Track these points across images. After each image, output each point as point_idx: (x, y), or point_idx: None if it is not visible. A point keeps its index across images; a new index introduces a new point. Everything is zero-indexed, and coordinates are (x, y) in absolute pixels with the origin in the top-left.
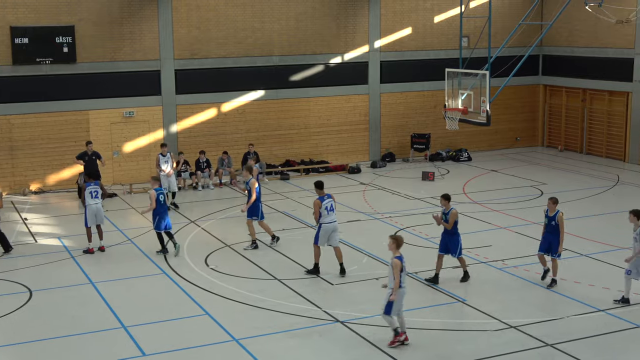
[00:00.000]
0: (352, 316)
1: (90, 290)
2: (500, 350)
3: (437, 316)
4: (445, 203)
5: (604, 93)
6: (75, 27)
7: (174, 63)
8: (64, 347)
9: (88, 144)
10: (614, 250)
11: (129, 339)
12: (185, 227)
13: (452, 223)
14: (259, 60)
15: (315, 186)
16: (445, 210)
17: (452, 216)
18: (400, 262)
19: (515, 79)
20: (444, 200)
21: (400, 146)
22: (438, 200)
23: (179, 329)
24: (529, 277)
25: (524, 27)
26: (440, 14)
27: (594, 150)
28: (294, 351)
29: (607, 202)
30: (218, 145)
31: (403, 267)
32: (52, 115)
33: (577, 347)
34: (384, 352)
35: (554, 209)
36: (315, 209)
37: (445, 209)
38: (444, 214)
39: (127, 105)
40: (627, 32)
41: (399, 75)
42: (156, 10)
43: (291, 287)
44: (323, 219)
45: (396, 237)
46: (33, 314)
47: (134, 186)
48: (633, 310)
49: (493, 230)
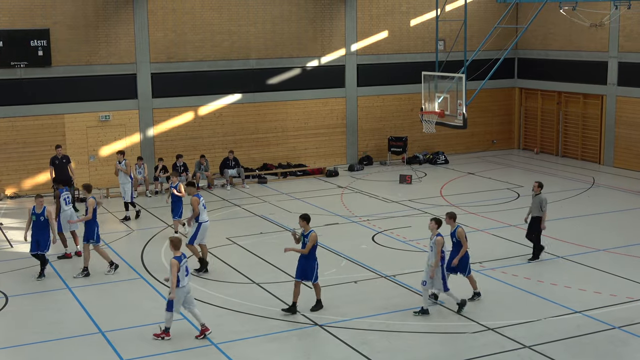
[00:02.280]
0: (330, 319)
1: (67, 295)
2: (479, 352)
3: (416, 319)
4: (304, 224)
5: (578, 96)
6: (50, 31)
7: (150, 66)
8: (42, 352)
9: (57, 147)
10: (590, 252)
11: (106, 344)
12: (162, 231)
13: (310, 248)
14: (235, 64)
15: (188, 185)
16: (305, 232)
17: (311, 239)
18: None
19: (491, 82)
20: (302, 222)
21: (378, 149)
22: (416, 203)
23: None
24: (506, 280)
25: (499, 30)
26: (416, 17)
27: (569, 152)
28: (273, 355)
29: (583, 204)
30: (195, 149)
31: (180, 268)
32: (28, 119)
33: (554, 349)
34: (363, 355)
35: (453, 225)
36: (194, 207)
37: (304, 230)
38: (302, 235)
39: (103, 109)
40: (601, 35)
41: (376, 78)
42: (132, 13)
43: (269, 291)
44: (202, 216)
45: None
46: (10, 319)
47: (110, 190)
48: (609, 312)
49: (470, 232)
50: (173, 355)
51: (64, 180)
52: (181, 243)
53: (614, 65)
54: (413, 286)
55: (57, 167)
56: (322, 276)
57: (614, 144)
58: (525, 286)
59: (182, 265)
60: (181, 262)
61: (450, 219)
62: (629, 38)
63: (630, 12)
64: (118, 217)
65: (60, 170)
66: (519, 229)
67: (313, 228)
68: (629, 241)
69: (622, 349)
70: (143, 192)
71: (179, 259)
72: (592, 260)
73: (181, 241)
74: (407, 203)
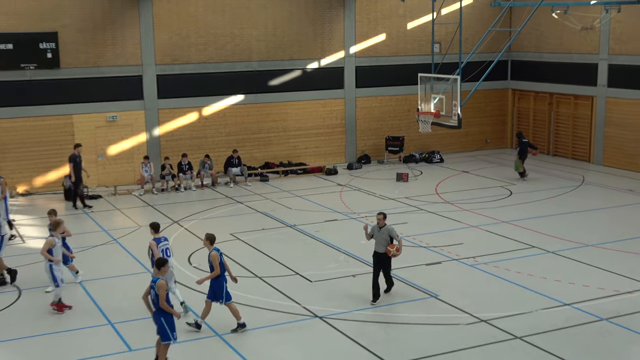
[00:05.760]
0: (330, 312)
1: (77, 288)
2: (472, 342)
3: (412, 311)
4: (208, 244)
5: (569, 97)
6: (58, 34)
7: (156, 68)
8: (54, 342)
9: (77, 146)
10: (579, 247)
11: (115, 335)
12: (169, 227)
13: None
14: (238, 66)
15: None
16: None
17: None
18: None
19: (485, 83)
20: (206, 241)
21: (375, 148)
22: (412, 200)
23: None
24: (498, 273)
25: (493, 33)
26: (413, 20)
27: (560, 151)
28: (275, 345)
29: (573, 201)
30: (200, 148)
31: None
32: (38, 119)
33: (544, 339)
34: (361, 345)
35: (210, 247)
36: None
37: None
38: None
39: (110, 109)
40: (592, 38)
41: (374, 80)
42: (137, 16)
43: (271, 285)
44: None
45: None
46: (23, 311)
47: (118, 188)
48: (597, 305)
49: (464, 228)
50: (180, 346)
51: (80, 177)
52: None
53: (604, 67)
54: (408, 279)
55: (77, 165)
56: (323, 270)
57: (604, 144)
58: (516, 280)
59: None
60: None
61: (208, 242)
62: (619, 41)
63: (620, 15)
64: (129, 214)
65: (77, 168)
66: (511, 225)
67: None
68: (617, 237)
69: (609, 340)
70: (149, 190)
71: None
72: (580, 255)
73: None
74: (404, 200)
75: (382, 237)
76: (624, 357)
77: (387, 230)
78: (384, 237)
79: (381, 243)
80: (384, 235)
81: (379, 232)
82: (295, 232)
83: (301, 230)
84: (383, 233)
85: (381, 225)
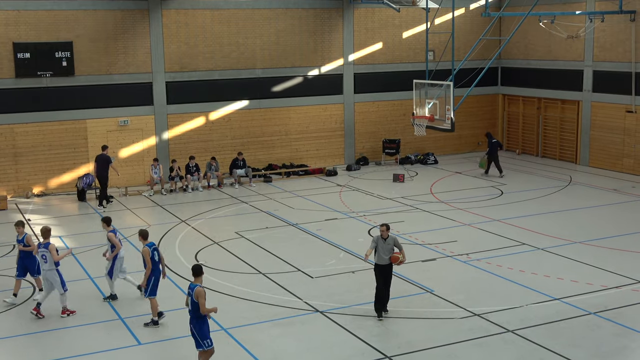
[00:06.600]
0: (330, 306)
1: (89, 284)
2: (466, 336)
3: (408, 305)
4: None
5: (557, 102)
6: (73, 43)
7: (165, 76)
8: (68, 336)
9: (105, 148)
10: (568, 244)
11: (125, 330)
12: (176, 226)
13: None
14: (243, 73)
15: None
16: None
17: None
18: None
19: (476, 89)
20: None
21: (373, 151)
22: (408, 200)
23: (172, 320)
24: (490, 269)
25: (484, 42)
26: (408, 30)
27: (548, 153)
28: (278, 338)
29: (561, 201)
30: (206, 151)
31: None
32: (53, 124)
33: (535, 332)
34: (360, 338)
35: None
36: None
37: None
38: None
39: (122, 114)
40: (577, 46)
41: (371, 86)
42: (148, 27)
43: (274, 280)
44: None
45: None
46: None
47: (129, 189)
48: (585, 299)
49: (458, 226)
50: (186, 340)
51: (105, 176)
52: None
53: (589, 74)
54: (405, 275)
55: (105, 165)
56: (324, 267)
57: (589, 146)
58: (508, 275)
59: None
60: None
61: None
62: (603, 48)
63: (603, 24)
64: (139, 213)
65: (105, 169)
66: (502, 223)
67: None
68: (604, 234)
69: (597, 332)
70: (159, 191)
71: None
72: (569, 252)
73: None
74: (400, 200)
75: (387, 248)
76: (612, 349)
77: (392, 240)
78: (389, 247)
79: (385, 254)
80: (389, 246)
81: (384, 244)
82: (297, 230)
83: (303, 229)
84: (389, 243)
85: (385, 237)
